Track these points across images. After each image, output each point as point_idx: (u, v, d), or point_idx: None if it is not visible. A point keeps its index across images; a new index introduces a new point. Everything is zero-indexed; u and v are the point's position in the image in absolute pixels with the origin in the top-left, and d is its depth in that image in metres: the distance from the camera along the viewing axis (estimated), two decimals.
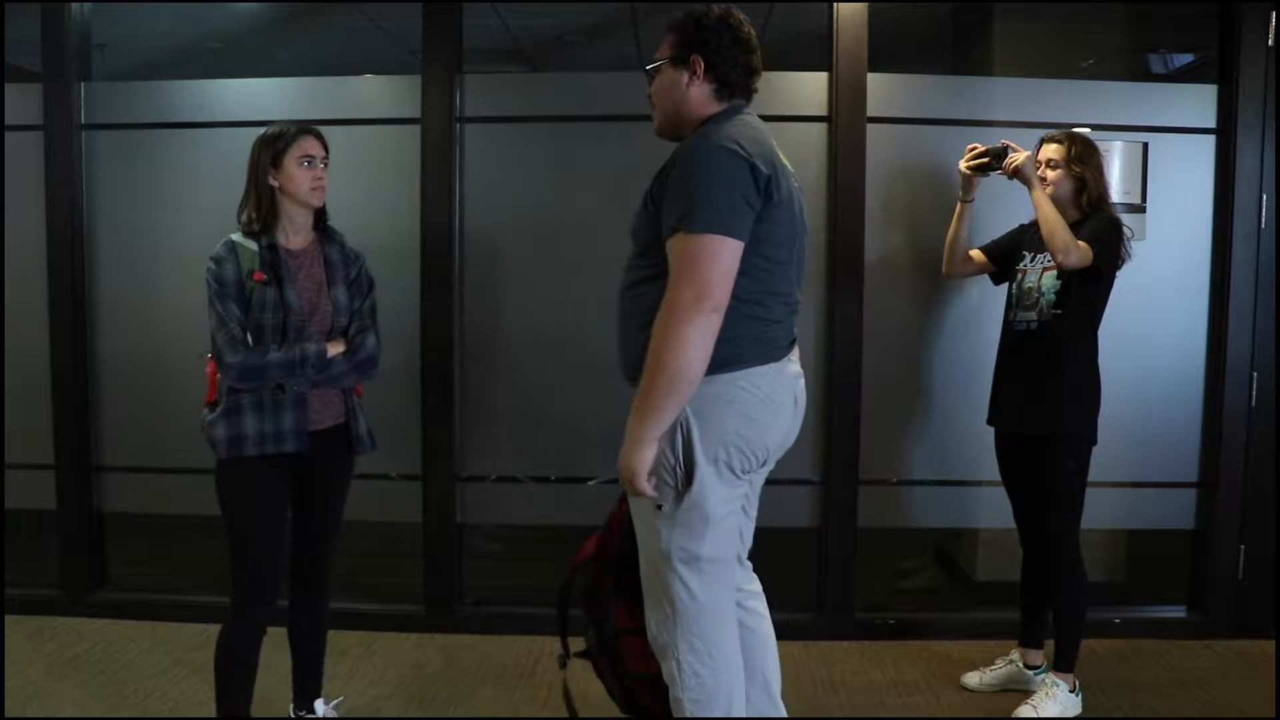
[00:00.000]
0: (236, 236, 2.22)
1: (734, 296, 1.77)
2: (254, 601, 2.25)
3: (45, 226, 3.24)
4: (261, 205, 2.21)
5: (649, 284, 1.85)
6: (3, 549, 3.11)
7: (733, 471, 1.85)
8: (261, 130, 2.28)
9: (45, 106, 3.23)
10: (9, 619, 3.13)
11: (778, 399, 1.89)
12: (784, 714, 2.12)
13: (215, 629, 3.05)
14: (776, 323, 1.88)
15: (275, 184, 2.21)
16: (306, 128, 2.26)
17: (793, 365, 1.96)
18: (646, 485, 1.79)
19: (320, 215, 2.33)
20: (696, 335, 1.71)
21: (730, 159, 1.75)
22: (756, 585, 2.15)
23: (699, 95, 1.91)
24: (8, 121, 3.23)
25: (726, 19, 1.91)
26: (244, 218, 2.23)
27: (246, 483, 2.22)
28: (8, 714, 2.57)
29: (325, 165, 2.26)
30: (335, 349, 2.26)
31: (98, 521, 3.38)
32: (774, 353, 1.89)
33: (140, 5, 3.78)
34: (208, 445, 2.22)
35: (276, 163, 2.19)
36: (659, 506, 1.84)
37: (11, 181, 3.25)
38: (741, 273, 1.77)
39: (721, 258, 1.72)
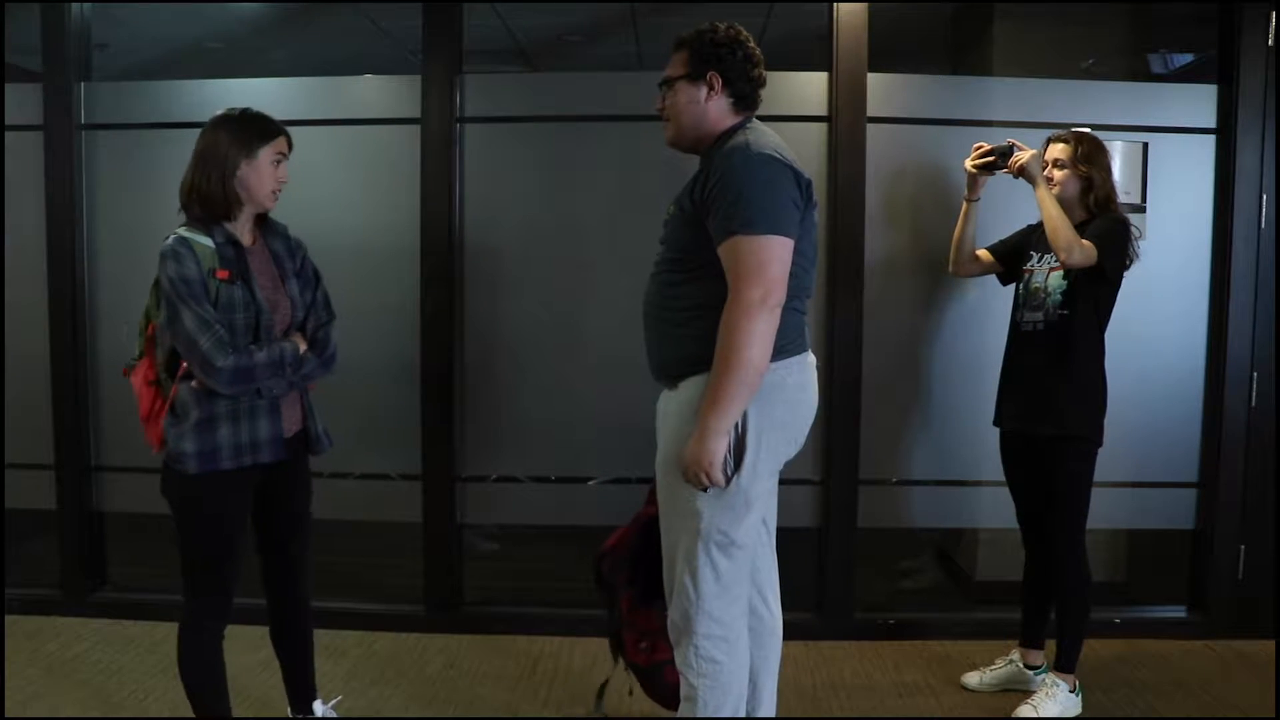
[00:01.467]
0: (185, 231, 2.03)
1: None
2: (219, 615, 2.15)
3: (45, 226, 3.24)
4: (215, 197, 2.02)
5: (686, 286, 1.96)
6: (3, 549, 3.11)
7: (776, 457, 1.98)
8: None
9: (45, 106, 3.23)
10: (9, 619, 3.13)
11: (808, 385, 2.05)
12: (774, 708, 2.19)
13: None
14: (804, 315, 2.05)
15: (240, 174, 2.03)
16: (282, 125, 2.11)
17: (812, 356, 2.10)
18: (720, 474, 1.87)
19: (263, 217, 2.18)
20: (766, 330, 1.84)
21: (778, 166, 1.89)
22: (776, 579, 2.21)
23: (718, 109, 2.01)
24: (8, 121, 3.23)
25: (737, 35, 2.02)
26: (193, 209, 2.05)
27: (218, 498, 2.07)
28: (8, 714, 2.57)
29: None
30: (303, 346, 2.15)
31: (98, 521, 3.38)
32: (804, 343, 2.05)
33: (140, 5, 3.78)
34: (173, 459, 2.03)
35: (251, 153, 2.02)
36: (704, 489, 1.91)
37: (11, 181, 3.25)
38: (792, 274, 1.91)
39: (782, 258, 1.86)
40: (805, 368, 2.03)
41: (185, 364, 2.02)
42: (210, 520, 2.10)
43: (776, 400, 1.94)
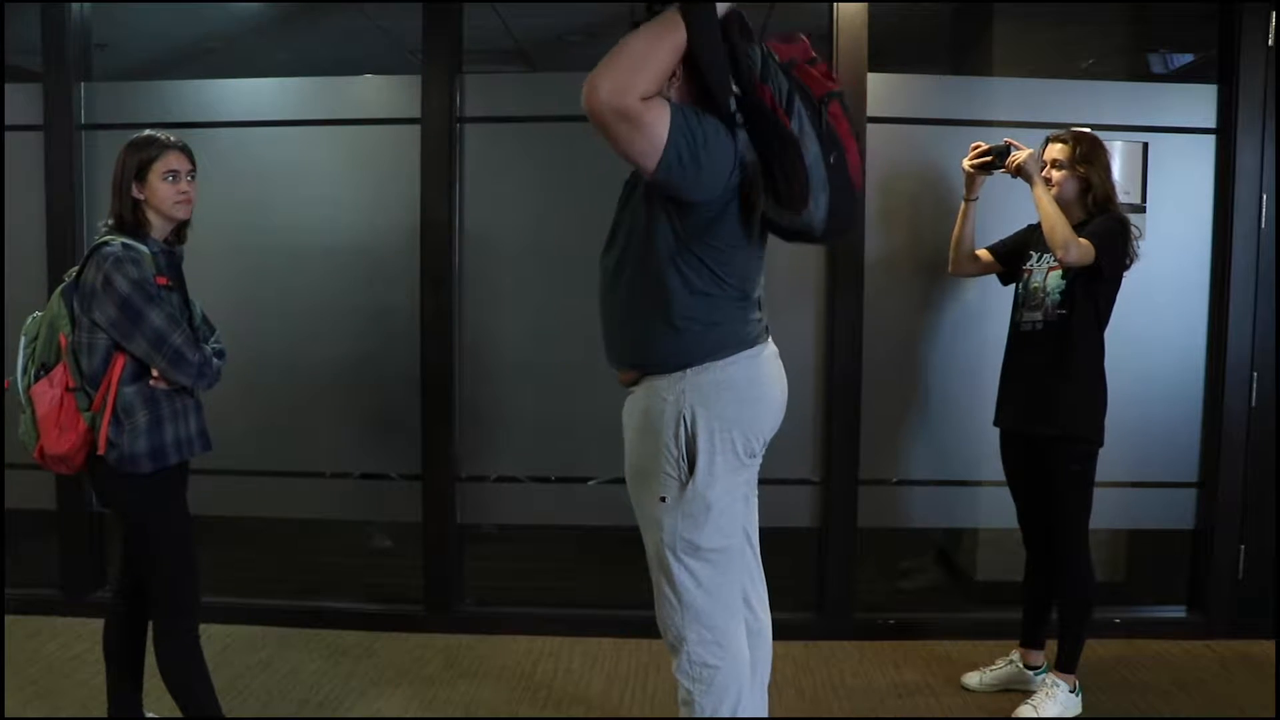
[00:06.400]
0: (125, 239, 2.13)
1: (718, 285, 1.84)
2: (192, 614, 2.22)
3: (45, 226, 3.24)
4: (124, 214, 2.16)
5: (637, 267, 1.91)
6: (3, 549, 3.11)
7: (737, 456, 1.89)
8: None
9: (45, 106, 3.23)
10: (9, 619, 3.13)
11: (765, 382, 1.94)
12: (766, 710, 2.12)
13: (214, 629, 3.05)
14: (748, 310, 1.93)
15: (140, 196, 2.16)
16: (173, 143, 2.19)
17: (771, 348, 2.00)
18: None
19: (183, 226, 2.26)
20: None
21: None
22: (762, 583, 2.14)
23: (682, 95, 1.94)
24: (8, 121, 3.23)
25: None
26: (109, 222, 2.17)
27: (170, 494, 2.19)
28: (8, 714, 2.57)
29: (192, 179, 2.21)
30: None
31: (98, 521, 3.38)
32: (750, 338, 1.93)
33: (140, 5, 3.78)
34: (127, 462, 2.08)
35: (141, 176, 2.15)
36: (663, 498, 1.88)
37: (11, 181, 3.25)
38: (720, 262, 1.84)
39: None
40: (759, 363, 1.93)
41: (119, 369, 2.09)
42: (172, 517, 2.19)
43: (727, 399, 1.87)
